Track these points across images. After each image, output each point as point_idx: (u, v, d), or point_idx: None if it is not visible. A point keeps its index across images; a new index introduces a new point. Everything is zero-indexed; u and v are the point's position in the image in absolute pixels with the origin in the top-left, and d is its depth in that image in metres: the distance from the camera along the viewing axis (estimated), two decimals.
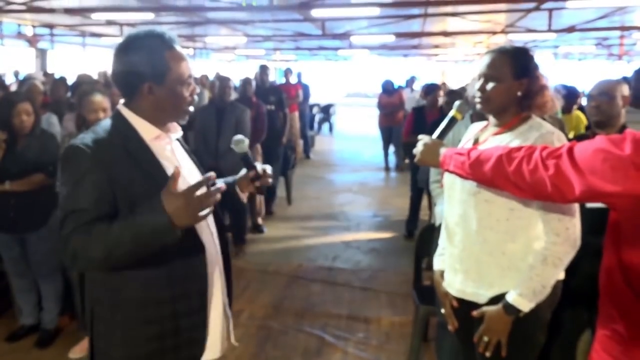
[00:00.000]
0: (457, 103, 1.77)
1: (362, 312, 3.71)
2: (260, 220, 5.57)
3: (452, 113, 1.75)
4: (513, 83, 1.64)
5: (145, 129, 1.44)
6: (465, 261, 1.75)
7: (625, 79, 2.95)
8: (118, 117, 1.46)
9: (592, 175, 1.16)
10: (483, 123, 1.88)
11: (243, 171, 1.70)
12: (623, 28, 10.01)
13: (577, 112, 4.94)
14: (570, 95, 4.92)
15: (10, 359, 3.04)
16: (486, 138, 1.74)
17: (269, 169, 1.69)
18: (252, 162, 1.67)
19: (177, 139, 1.59)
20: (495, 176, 1.39)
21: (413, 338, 2.98)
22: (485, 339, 1.68)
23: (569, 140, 1.74)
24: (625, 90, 2.35)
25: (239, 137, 1.65)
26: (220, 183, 1.57)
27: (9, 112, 2.96)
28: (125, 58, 1.41)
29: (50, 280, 3.20)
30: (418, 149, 1.67)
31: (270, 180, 1.69)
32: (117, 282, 1.42)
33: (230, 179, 1.73)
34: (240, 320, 3.53)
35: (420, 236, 3.21)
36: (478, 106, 1.72)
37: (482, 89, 1.68)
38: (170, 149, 1.51)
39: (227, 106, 4.69)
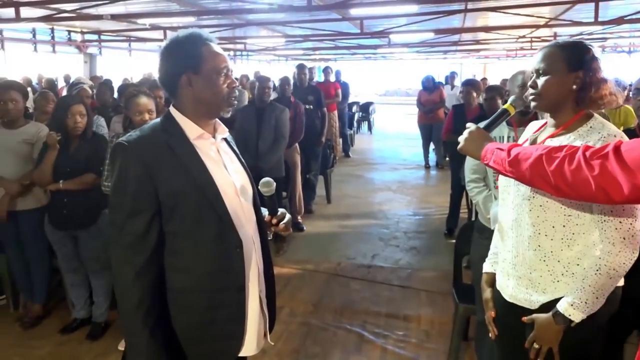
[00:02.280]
0: (512, 97, 1.72)
1: (401, 310, 3.71)
2: (299, 219, 5.63)
3: (505, 106, 1.69)
4: (567, 76, 1.55)
5: (190, 128, 1.51)
6: (519, 266, 1.69)
7: None
8: (167, 116, 1.54)
9: None
10: (540, 122, 1.79)
11: (265, 212, 1.70)
12: None
13: (626, 107, 4.78)
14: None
15: (64, 350, 3.19)
16: (543, 140, 1.65)
17: (288, 219, 1.68)
18: (275, 208, 1.67)
19: (226, 140, 1.64)
20: (533, 176, 1.36)
21: (453, 337, 2.97)
22: (536, 346, 1.62)
23: None
24: None
25: (267, 180, 1.62)
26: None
27: (64, 113, 3.12)
28: (167, 57, 1.50)
29: (100, 276, 3.35)
30: (463, 136, 1.61)
31: (286, 232, 1.70)
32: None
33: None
34: (280, 317, 3.59)
35: (460, 234, 3.19)
36: (532, 104, 1.63)
37: (534, 84, 1.60)
38: (215, 149, 1.56)
39: (266, 106, 4.76)
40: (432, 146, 9.15)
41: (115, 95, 5.88)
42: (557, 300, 1.58)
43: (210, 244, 1.48)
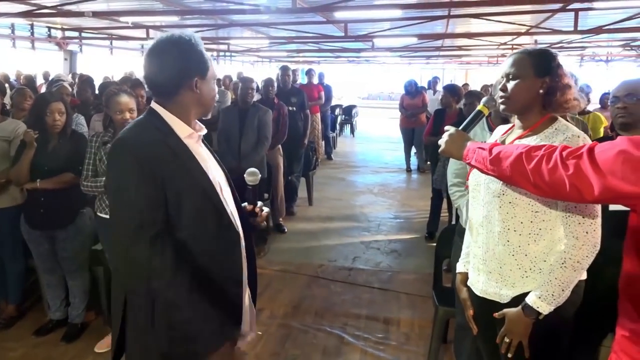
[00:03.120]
0: (484, 98, 1.78)
1: (381, 313, 3.73)
2: (281, 220, 5.62)
3: (479, 107, 1.75)
4: (535, 80, 1.64)
5: (179, 127, 1.52)
6: (489, 262, 1.77)
7: None
8: (154, 115, 1.53)
9: (612, 175, 1.16)
10: (507, 126, 1.87)
11: (245, 203, 1.75)
12: None
13: (595, 113, 4.88)
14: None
15: (39, 352, 3.13)
16: (512, 141, 1.74)
17: (265, 211, 1.75)
18: (255, 198, 1.74)
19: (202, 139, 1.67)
20: (514, 173, 1.40)
21: (432, 339, 2.99)
22: (507, 340, 1.69)
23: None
24: None
25: (254, 169, 1.72)
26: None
27: (42, 111, 3.06)
28: (171, 58, 1.48)
29: (77, 277, 3.29)
30: (443, 139, 1.67)
31: (264, 223, 1.76)
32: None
33: None
34: (260, 319, 3.57)
35: (441, 238, 3.21)
36: (501, 107, 1.71)
37: (504, 88, 1.69)
38: (198, 147, 1.59)
39: (249, 107, 4.75)
40: (413, 150, 9.21)
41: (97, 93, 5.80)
42: (526, 294, 1.66)
43: (212, 240, 1.51)
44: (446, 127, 1.70)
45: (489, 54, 15.89)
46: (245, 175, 1.71)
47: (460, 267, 2.00)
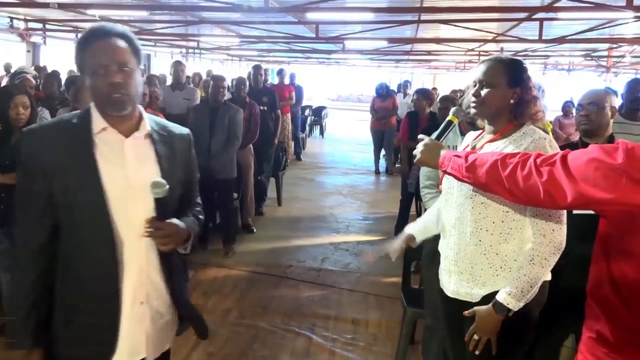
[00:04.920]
0: (453, 109, 1.83)
1: (350, 314, 3.75)
2: (250, 220, 5.58)
3: (449, 117, 1.81)
4: (507, 90, 1.72)
5: (97, 120, 1.49)
6: (460, 263, 1.81)
7: (610, 90, 3.02)
8: (88, 107, 1.53)
9: (584, 182, 1.20)
10: (477, 132, 1.94)
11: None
12: (611, 40, 10.16)
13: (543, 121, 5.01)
14: None
15: None
16: (482, 145, 1.81)
17: (168, 231, 1.47)
18: (162, 213, 1.47)
19: (152, 139, 1.55)
20: (489, 181, 1.44)
21: (400, 340, 3.02)
22: (476, 337, 1.74)
23: None
24: (614, 101, 2.41)
25: (158, 180, 1.44)
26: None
27: (6, 104, 2.96)
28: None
29: None
30: (418, 149, 1.71)
31: (164, 247, 1.49)
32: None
33: None
34: (228, 319, 3.55)
35: None
36: (473, 111, 1.78)
37: (477, 94, 1.75)
38: (120, 147, 1.49)
39: (220, 106, 4.70)
40: (382, 152, 9.29)
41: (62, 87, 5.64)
42: (496, 292, 1.71)
43: (87, 244, 1.47)
44: (420, 136, 1.74)
45: (457, 59, 16.17)
46: (150, 186, 1.43)
47: (407, 229, 2.15)
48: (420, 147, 1.71)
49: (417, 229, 2.14)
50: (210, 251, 4.82)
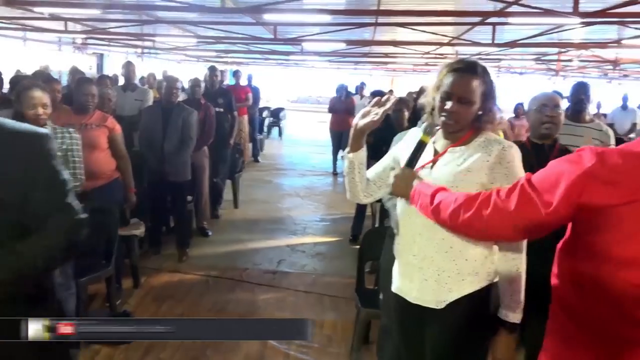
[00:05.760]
0: (423, 125, 1.76)
1: (305, 316, 3.73)
2: (205, 224, 5.50)
3: (420, 137, 1.74)
4: (480, 104, 1.71)
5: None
6: (426, 270, 1.76)
7: (556, 93, 3.13)
8: None
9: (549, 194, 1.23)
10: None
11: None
12: (559, 45, 10.53)
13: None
14: None
15: None
16: (445, 150, 1.76)
17: None
18: None
19: None
20: (453, 224, 1.47)
21: (354, 340, 3.04)
22: None
23: None
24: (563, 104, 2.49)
25: None
26: None
27: None
28: None
29: None
30: (390, 180, 1.70)
31: None
32: None
33: None
34: None
35: (364, 240, 3.27)
36: (446, 123, 1.72)
37: (453, 109, 1.68)
38: None
39: (174, 107, 4.61)
40: (340, 153, 9.34)
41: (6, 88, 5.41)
42: (463, 297, 1.72)
43: None
44: (392, 169, 1.76)
45: (414, 62, 16.41)
46: None
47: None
48: (391, 177, 1.70)
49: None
50: (164, 256, 4.72)
